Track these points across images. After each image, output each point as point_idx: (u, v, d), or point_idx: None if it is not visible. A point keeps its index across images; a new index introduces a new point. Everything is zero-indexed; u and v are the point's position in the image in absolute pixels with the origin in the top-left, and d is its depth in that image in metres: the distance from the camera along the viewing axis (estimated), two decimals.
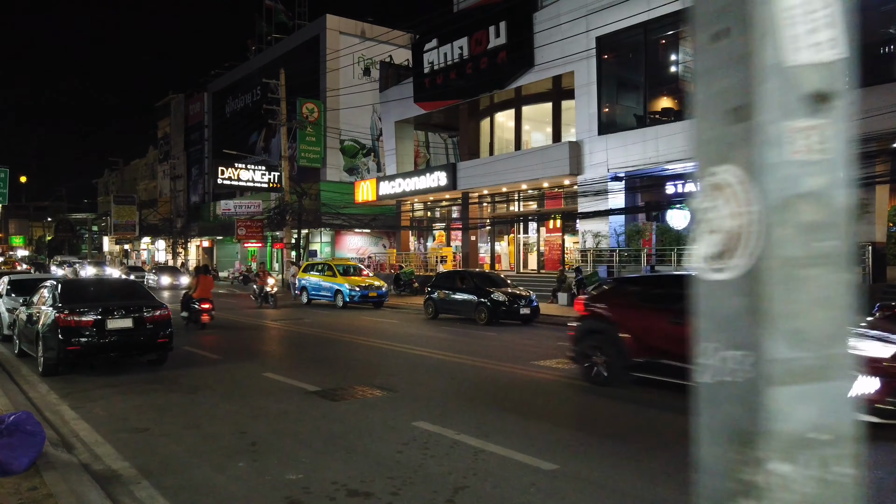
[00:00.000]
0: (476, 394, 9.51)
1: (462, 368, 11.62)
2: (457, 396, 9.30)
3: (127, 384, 10.25)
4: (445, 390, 9.73)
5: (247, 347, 14.50)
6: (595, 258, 23.59)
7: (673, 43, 22.82)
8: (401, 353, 13.41)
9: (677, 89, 23.23)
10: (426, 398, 9.12)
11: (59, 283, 11.80)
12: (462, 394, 9.51)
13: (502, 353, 13.39)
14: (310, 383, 10.14)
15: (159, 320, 11.32)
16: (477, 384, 10.24)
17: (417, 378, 10.69)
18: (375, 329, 17.99)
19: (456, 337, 16.25)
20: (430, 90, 30.50)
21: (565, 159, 24.30)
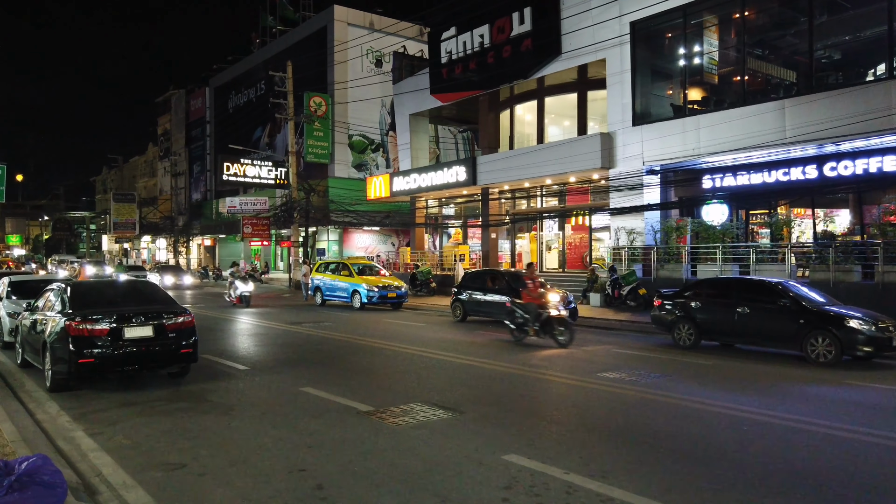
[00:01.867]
0: (558, 414, 8.21)
1: (525, 382, 10.32)
2: (534, 417, 8.00)
3: (148, 402, 8.94)
4: (518, 410, 8.42)
5: (272, 355, 13.18)
6: (629, 257, 22.26)
7: (714, 26, 21.52)
8: (444, 363, 12.10)
9: (720, 76, 21.97)
10: (501, 421, 7.82)
11: (68, 285, 10.46)
12: (540, 414, 8.21)
13: (558, 363, 12.09)
14: (358, 400, 8.86)
15: (182, 328, 9.99)
16: (552, 402, 8.95)
17: (478, 394, 9.38)
18: (405, 334, 16.67)
19: (495, 342, 14.95)
20: (448, 81, 29.15)
21: (596, 152, 22.98)
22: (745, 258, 19.83)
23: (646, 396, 9.18)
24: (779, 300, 12.40)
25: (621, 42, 22.49)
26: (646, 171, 22.10)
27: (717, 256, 19.70)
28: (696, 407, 8.57)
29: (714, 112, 20.50)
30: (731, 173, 21.05)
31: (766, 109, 19.09)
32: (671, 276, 20.98)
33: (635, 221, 22.39)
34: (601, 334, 16.67)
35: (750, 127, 19.22)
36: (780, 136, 18.69)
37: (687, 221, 21.85)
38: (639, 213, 22.18)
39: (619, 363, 12.08)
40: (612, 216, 23.20)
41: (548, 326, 14.00)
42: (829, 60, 19.64)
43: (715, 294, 13.67)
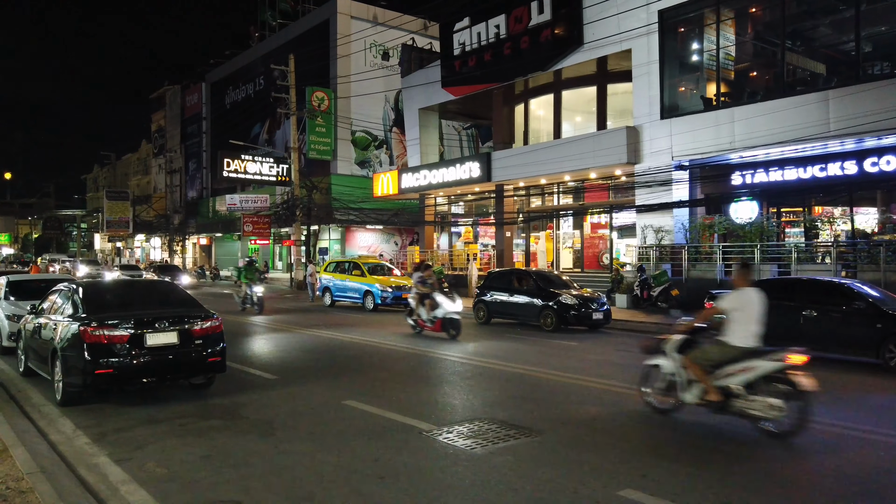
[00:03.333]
0: (656, 439, 7.17)
1: (592, 395, 9.29)
2: (625, 441, 6.97)
3: (175, 419, 7.86)
4: (604, 431, 7.38)
5: (298, 362, 12.10)
6: (658, 256, 21.28)
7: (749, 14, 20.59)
8: (489, 371, 11.06)
9: (756, 67, 21.04)
10: (593, 446, 6.79)
11: (80, 286, 9.35)
12: (630, 437, 7.17)
13: (612, 372, 11.08)
14: (412, 416, 7.82)
15: (210, 333, 8.91)
16: (635, 420, 7.90)
17: (546, 411, 8.34)
18: (427, 338, 15.63)
19: (532, 347, 13.92)
20: (461, 74, 28.11)
21: (622, 146, 21.99)
22: (783, 257, 18.91)
23: None
24: (852, 303, 11.43)
25: (648, 32, 21.51)
26: (675, 166, 21.13)
27: (755, 256, 18.72)
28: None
29: (750, 104, 19.53)
30: (763, 169, 20.10)
31: (809, 101, 18.14)
32: (703, 277, 20.04)
33: (663, 219, 21.41)
34: (640, 339, 15.64)
35: (790, 120, 18.27)
36: (824, 128, 17.76)
37: (720, 219, 20.89)
38: (667, 210, 21.22)
39: None
40: (638, 214, 22.22)
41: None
42: (877, 49, 18.67)
43: (776, 296, 12.59)
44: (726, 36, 21.02)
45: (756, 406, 6.86)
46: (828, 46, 20.41)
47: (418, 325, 15.84)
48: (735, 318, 7.15)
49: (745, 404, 6.94)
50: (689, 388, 7.40)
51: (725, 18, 20.82)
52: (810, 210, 21.38)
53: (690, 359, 7.35)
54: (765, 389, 6.87)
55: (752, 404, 6.90)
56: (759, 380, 6.92)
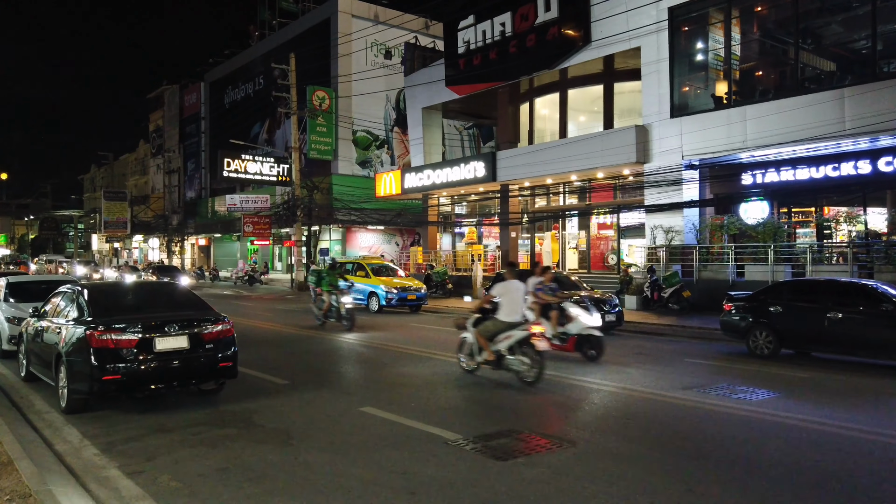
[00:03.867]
0: (698, 447, 6.82)
1: (615, 399, 8.94)
2: (656, 449, 6.63)
3: (186, 427, 7.51)
4: (634, 439, 7.05)
5: (307, 366, 11.75)
6: (668, 256, 20.95)
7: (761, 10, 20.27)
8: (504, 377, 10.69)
9: (769, 64, 20.73)
10: (627, 455, 6.45)
11: (85, 288, 8.99)
12: (663, 444, 6.82)
13: (637, 377, 10.73)
14: (436, 425, 7.48)
15: (221, 337, 8.56)
16: (664, 424, 7.56)
17: (577, 419, 8.00)
18: (441, 340, 15.25)
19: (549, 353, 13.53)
20: (465, 72, 27.75)
21: (631, 145, 21.66)
22: (797, 258, 18.60)
23: (774, 419, 7.83)
24: (880, 305, 11.09)
25: (658, 29, 21.19)
26: (685, 165, 20.81)
27: (768, 256, 18.40)
28: (847, 434, 7.23)
29: (763, 102, 19.21)
30: (774, 168, 19.79)
31: (824, 99, 17.83)
32: (715, 278, 19.73)
33: (674, 219, 21.09)
34: (656, 341, 15.33)
35: (804, 118, 17.96)
36: (839, 127, 17.44)
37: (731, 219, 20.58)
38: (678, 210, 20.90)
39: (703, 376, 10.74)
40: (647, 213, 21.88)
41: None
42: (892, 46, 18.34)
43: (799, 298, 12.34)
44: (737, 33, 20.70)
45: (514, 363, 9.68)
46: (842, 44, 20.10)
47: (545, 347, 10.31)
48: (503, 302, 9.90)
49: (510, 362, 9.75)
50: (480, 353, 10.09)
51: (736, 15, 20.51)
52: (821, 210, 21.07)
53: (478, 331, 10.06)
54: (519, 351, 9.67)
55: (513, 362, 9.71)
56: (516, 344, 9.69)
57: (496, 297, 10.05)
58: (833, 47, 20.17)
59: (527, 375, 9.52)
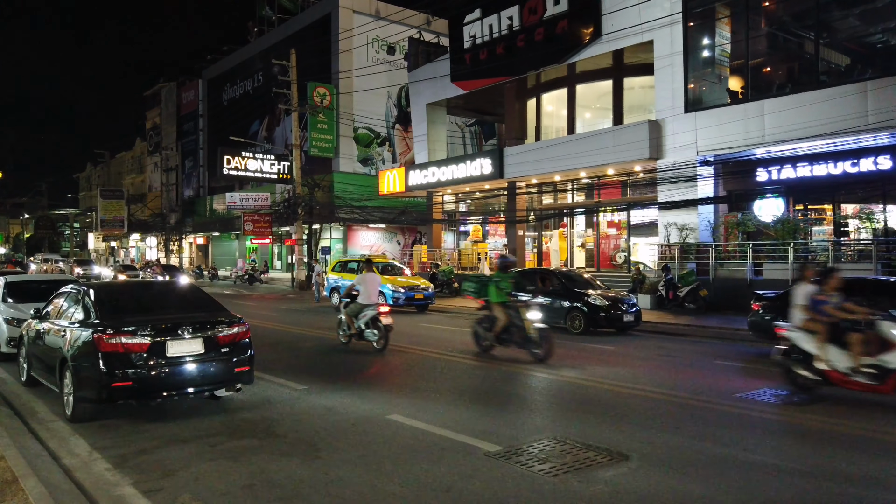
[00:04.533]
0: (764, 460, 6.31)
1: (663, 408, 8.43)
2: (731, 465, 6.12)
3: (202, 437, 6.98)
4: (701, 453, 6.53)
5: (323, 370, 11.21)
6: (682, 255, 20.46)
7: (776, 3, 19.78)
8: (531, 379, 10.22)
9: (787, 57, 20.26)
10: (697, 474, 5.94)
11: (90, 288, 8.44)
12: (737, 461, 6.32)
13: (669, 380, 10.23)
14: (469, 434, 6.98)
15: (237, 340, 8.04)
16: (721, 435, 7.05)
17: (623, 427, 7.49)
18: (455, 341, 14.76)
19: (566, 352, 13.04)
20: (472, 67, 27.22)
21: (644, 141, 21.17)
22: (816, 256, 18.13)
23: (834, 429, 7.34)
24: None
25: (672, 22, 20.69)
26: (700, 161, 20.33)
27: (788, 254, 17.93)
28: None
29: (782, 96, 18.71)
30: (791, 164, 19.34)
31: (845, 92, 17.34)
32: (732, 276, 19.27)
33: (688, 217, 20.61)
34: (678, 342, 14.84)
35: (825, 112, 17.48)
36: (862, 121, 16.98)
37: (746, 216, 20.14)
38: (692, 207, 20.41)
39: (740, 380, 10.25)
40: (661, 211, 21.39)
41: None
42: None
43: None
44: (754, 26, 20.20)
45: (369, 335, 12.73)
46: (863, 36, 19.63)
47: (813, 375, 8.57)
48: (361, 290, 12.99)
49: (367, 334, 12.75)
50: (350, 329, 13.08)
51: (753, 7, 20.01)
52: (838, 207, 20.64)
53: (347, 312, 13.10)
54: (371, 326, 12.71)
55: (368, 334, 12.74)
56: (370, 321, 12.71)
57: (357, 286, 13.12)
58: (853, 40, 19.70)
59: (376, 344, 12.59)
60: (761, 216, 20.23)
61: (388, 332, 12.52)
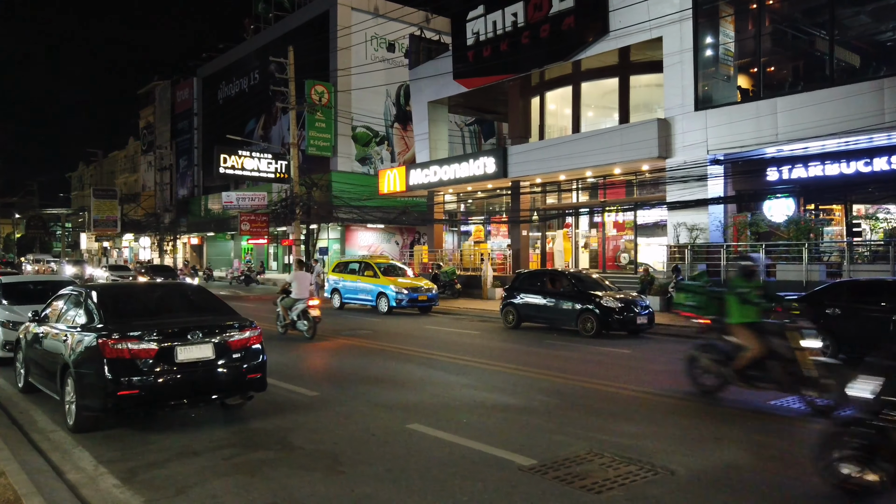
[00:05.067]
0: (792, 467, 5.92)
1: (698, 413, 8.03)
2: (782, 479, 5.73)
3: (214, 449, 6.55)
4: (745, 464, 6.14)
5: (332, 374, 10.78)
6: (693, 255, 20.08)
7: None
8: (552, 385, 9.80)
9: (800, 54, 19.92)
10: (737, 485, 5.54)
11: (93, 289, 7.98)
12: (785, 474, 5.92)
13: None
14: (498, 445, 6.58)
15: (249, 345, 7.61)
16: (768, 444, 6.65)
17: (660, 438, 7.08)
18: (465, 344, 14.37)
19: (583, 356, 12.66)
20: (475, 64, 26.81)
21: (653, 140, 20.80)
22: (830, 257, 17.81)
23: None
24: None
25: (682, 18, 20.33)
26: (710, 160, 19.97)
27: (802, 256, 17.58)
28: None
29: (795, 94, 18.37)
30: (802, 164, 19.02)
31: (861, 90, 17.01)
32: None
33: (698, 217, 20.24)
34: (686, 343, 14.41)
35: (840, 110, 17.15)
36: (878, 119, 16.64)
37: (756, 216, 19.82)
38: (702, 207, 20.06)
39: None
40: (670, 211, 21.02)
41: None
42: None
43: (861, 299, 11.49)
44: (766, 22, 19.86)
45: (300, 325, 14.56)
46: (879, 33, 19.32)
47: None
48: (294, 286, 14.82)
49: (298, 325, 14.55)
50: (285, 321, 14.88)
51: (765, 2, 19.67)
52: (850, 208, 20.33)
53: (282, 305, 14.84)
54: (302, 317, 14.50)
55: (300, 324, 14.56)
56: (300, 312, 14.51)
57: (291, 282, 15.09)
58: (868, 37, 19.40)
59: (306, 333, 14.40)
60: (771, 216, 19.90)
61: (315, 324, 14.37)
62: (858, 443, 4.87)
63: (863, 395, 4.95)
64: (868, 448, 4.81)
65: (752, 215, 20.29)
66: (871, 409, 4.84)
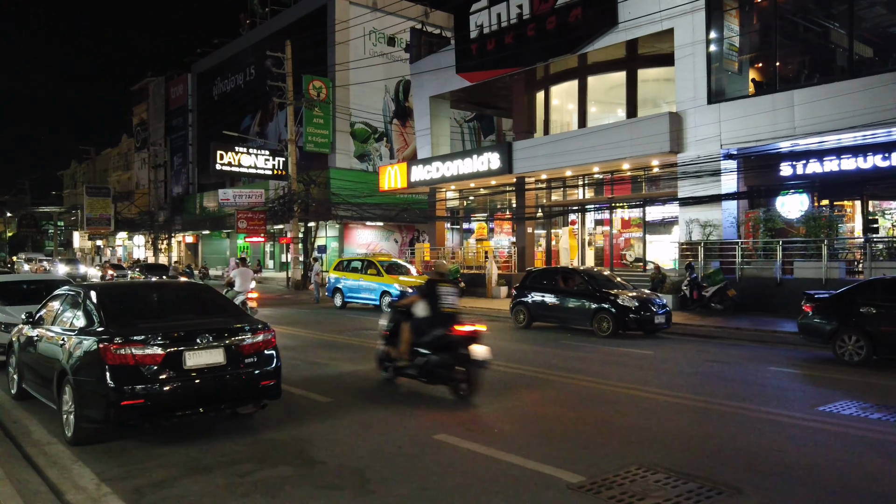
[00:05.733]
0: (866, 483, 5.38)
1: (741, 423, 7.50)
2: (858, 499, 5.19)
3: (227, 464, 5.97)
4: (819, 484, 5.59)
5: (346, 379, 10.17)
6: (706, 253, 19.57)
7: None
8: (583, 390, 9.25)
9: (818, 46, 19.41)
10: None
11: (93, 289, 7.37)
12: (863, 492, 5.38)
13: (738, 391, 9.30)
14: (539, 459, 6.03)
15: (262, 349, 7.03)
16: (832, 459, 6.11)
17: (713, 451, 6.53)
18: None
19: (602, 357, 12.12)
20: (478, 58, 26.21)
21: (664, 134, 20.26)
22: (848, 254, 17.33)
23: None
24: None
25: (693, 9, 19.78)
26: (724, 154, 19.45)
27: (823, 252, 17.07)
28: None
29: (813, 86, 17.85)
30: (817, 158, 18.54)
31: (882, 82, 16.50)
32: (759, 276, 18.42)
33: (711, 213, 19.72)
34: (717, 345, 13.92)
35: (860, 103, 16.64)
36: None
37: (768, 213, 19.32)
38: (716, 203, 19.54)
39: (813, 390, 9.35)
40: (682, 207, 20.49)
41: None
42: None
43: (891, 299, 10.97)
44: (782, 12, 19.32)
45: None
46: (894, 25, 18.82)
47: None
48: (237, 280, 17.14)
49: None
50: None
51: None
52: (865, 203, 19.87)
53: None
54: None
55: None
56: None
57: (234, 277, 17.35)
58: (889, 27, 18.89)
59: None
60: (785, 212, 19.41)
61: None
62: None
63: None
64: None
65: (763, 211, 19.80)
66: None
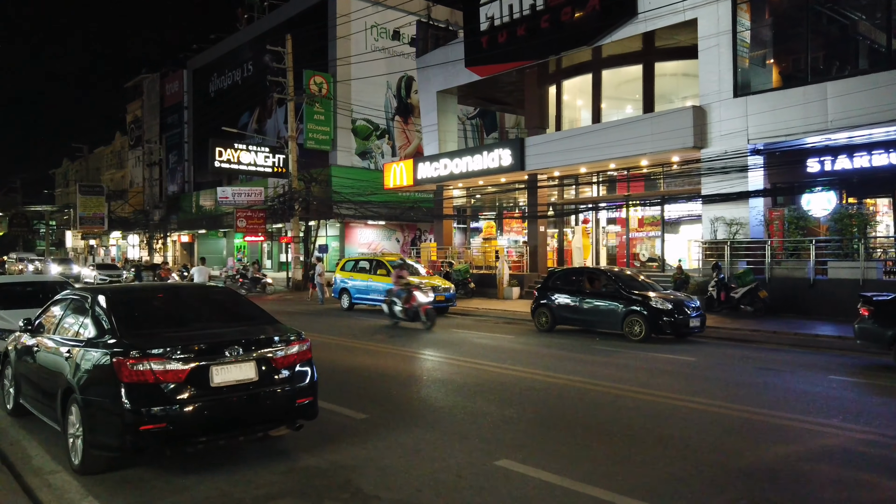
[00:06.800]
0: None
1: (829, 440, 6.66)
2: None
3: (261, 498, 5.12)
4: None
5: (379, 392, 9.28)
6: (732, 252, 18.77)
7: None
8: (641, 403, 8.41)
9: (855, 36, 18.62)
10: None
11: (101, 293, 6.46)
12: None
13: (808, 405, 8.48)
14: (625, 493, 5.19)
15: (296, 362, 6.14)
16: None
17: (826, 477, 5.70)
18: (500, 350, 12.94)
19: (643, 364, 11.28)
20: (489, 51, 25.33)
21: (688, 128, 19.46)
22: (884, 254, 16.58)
23: None
24: None
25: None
26: (751, 150, 18.66)
27: (860, 252, 16.29)
28: None
29: (848, 78, 17.09)
30: (846, 154, 17.80)
31: None
32: (791, 276, 17.64)
33: (737, 211, 18.93)
34: (757, 350, 13.09)
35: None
36: None
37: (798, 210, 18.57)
38: (742, 200, 18.76)
39: (875, 400, 8.52)
40: (705, 204, 19.69)
41: None
42: None
43: None
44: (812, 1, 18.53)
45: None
46: None
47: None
48: (196, 277, 21.89)
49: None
50: None
51: None
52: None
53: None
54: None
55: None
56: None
57: (193, 274, 18.77)
58: None
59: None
60: (810, 210, 18.65)
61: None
62: None
63: None
64: None
65: (789, 210, 19.03)
66: None
